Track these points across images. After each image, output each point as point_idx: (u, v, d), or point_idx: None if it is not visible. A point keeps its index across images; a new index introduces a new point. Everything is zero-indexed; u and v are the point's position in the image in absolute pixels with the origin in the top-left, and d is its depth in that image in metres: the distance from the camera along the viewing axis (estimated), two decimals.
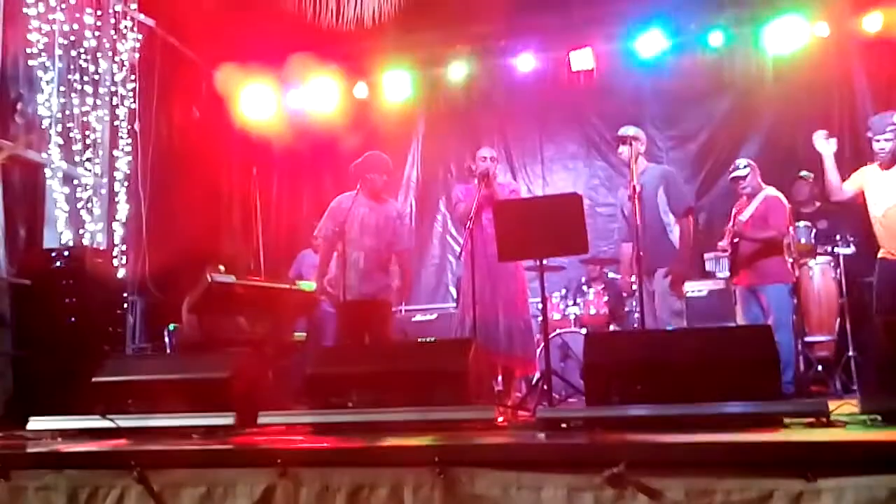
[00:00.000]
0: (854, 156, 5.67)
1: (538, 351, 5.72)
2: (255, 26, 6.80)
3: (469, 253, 5.22)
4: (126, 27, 6.77)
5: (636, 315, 6.03)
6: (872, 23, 7.16)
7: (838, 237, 6.47)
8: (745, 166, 6.01)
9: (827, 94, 7.78)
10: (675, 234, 5.40)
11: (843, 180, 5.49)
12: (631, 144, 5.41)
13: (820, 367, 6.38)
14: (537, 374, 5.48)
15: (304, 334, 6.89)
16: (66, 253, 5.62)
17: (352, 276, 5.45)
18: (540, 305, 5.09)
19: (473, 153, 5.79)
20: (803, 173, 6.77)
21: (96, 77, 6.51)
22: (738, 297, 6.17)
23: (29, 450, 3.34)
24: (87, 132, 6.39)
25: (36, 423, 3.99)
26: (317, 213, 8.86)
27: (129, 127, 6.70)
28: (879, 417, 3.17)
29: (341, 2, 6.12)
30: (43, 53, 6.00)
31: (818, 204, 6.78)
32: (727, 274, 6.58)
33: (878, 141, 5.30)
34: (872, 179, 5.39)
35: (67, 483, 2.95)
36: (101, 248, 6.26)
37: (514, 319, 5.42)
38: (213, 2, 6.28)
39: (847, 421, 3.17)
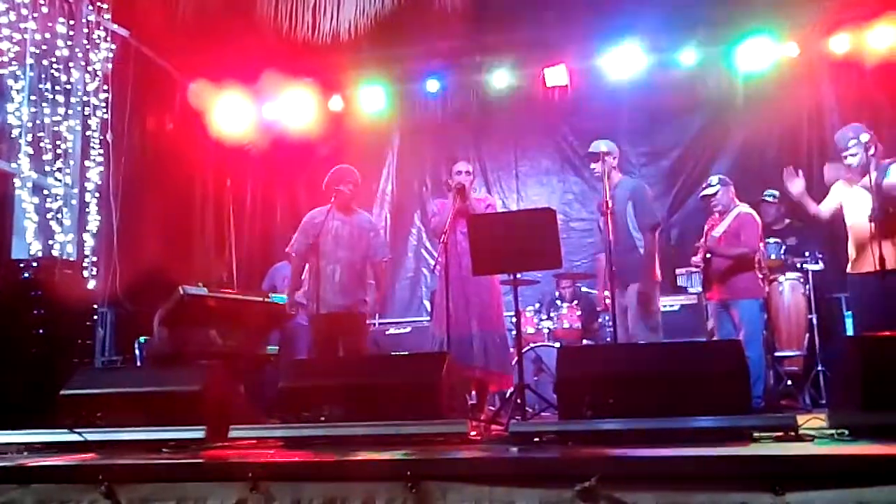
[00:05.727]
0: (822, 172, 5.76)
1: (512, 365, 5.72)
2: (231, 38, 6.77)
3: (443, 266, 5.21)
4: (99, 37, 6.70)
5: (609, 329, 6.06)
6: (840, 44, 7.31)
7: (807, 254, 6.58)
8: (716, 183, 6.08)
9: (796, 112, 7.92)
10: (643, 249, 5.39)
11: (819, 201, 5.57)
12: (603, 161, 5.46)
13: (789, 382, 6.46)
14: (511, 388, 5.48)
15: (277, 347, 6.85)
16: (34, 264, 5.53)
17: (328, 289, 5.45)
18: (514, 319, 5.10)
19: (448, 167, 5.78)
20: (767, 194, 6.86)
21: (68, 87, 6.43)
22: (711, 312, 6.23)
23: None
24: (58, 142, 6.31)
25: (2, 437, 3.92)
26: (291, 225, 8.81)
27: (101, 137, 6.62)
28: (847, 432, 3.22)
29: (317, 16, 6.15)
30: (14, 62, 5.92)
31: (787, 221, 6.90)
32: (699, 289, 6.66)
33: (846, 157, 5.35)
34: (845, 195, 5.48)
35: (34, 498, 2.91)
36: (71, 259, 6.16)
37: (488, 333, 5.40)
38: (189, 13, 6.24)
39: (815, 435, 3.21)
